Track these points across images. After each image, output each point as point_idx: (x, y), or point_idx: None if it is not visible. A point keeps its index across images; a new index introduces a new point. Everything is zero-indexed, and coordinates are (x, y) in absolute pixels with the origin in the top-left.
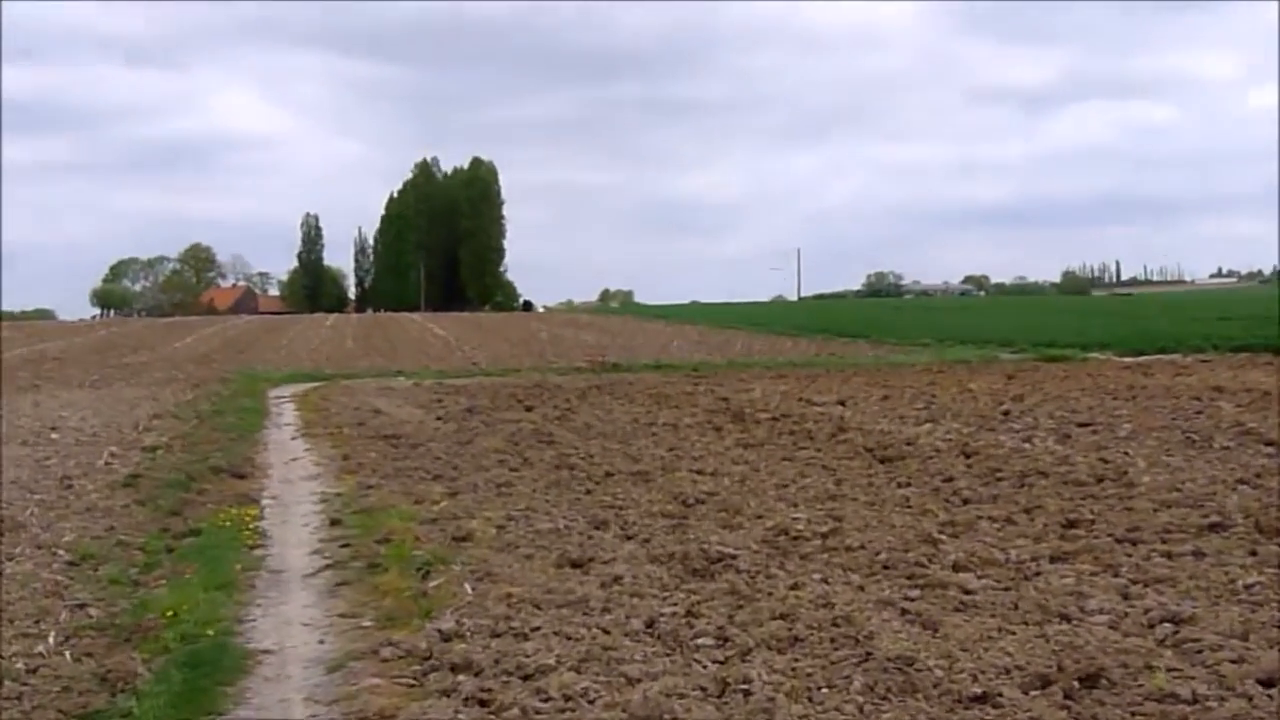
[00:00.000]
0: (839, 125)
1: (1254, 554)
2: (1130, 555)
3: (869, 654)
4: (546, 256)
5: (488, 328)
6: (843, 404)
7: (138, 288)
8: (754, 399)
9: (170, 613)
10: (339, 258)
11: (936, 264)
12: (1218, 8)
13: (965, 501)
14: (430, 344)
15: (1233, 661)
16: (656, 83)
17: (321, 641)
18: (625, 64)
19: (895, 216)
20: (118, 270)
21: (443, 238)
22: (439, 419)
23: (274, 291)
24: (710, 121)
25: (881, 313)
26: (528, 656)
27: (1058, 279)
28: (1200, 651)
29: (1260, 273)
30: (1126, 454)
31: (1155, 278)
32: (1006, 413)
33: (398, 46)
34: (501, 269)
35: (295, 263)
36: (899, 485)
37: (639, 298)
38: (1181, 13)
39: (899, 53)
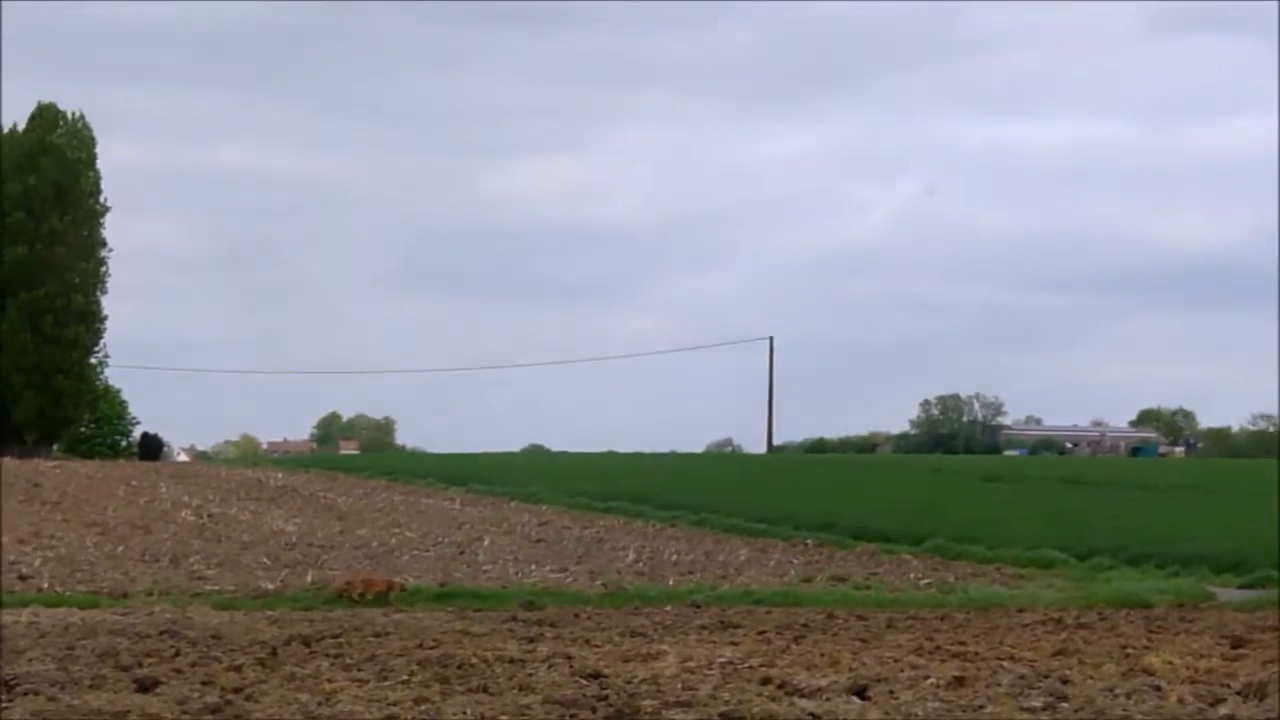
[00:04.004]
0: (862, 71)
1: None
2: None
3: None
4: (198, 337)
5: (58, 496)
6: (862, 694)
7: None
8: (663, 675)
9: None
10: None
11: (1076, 386)
12: None
13: None
14: None
15: None
16: None
17: None
18: None
19: (986, 275)
20: None
21: None
22: None
23: None
24: (581, 47)
25: (954, 488)
26: None
27: None
28: None
29: None
30: None
31: None
32: None
33: None
34: (95, 361)
35: None
36: None
37: (407, 436)
38: None
39: None
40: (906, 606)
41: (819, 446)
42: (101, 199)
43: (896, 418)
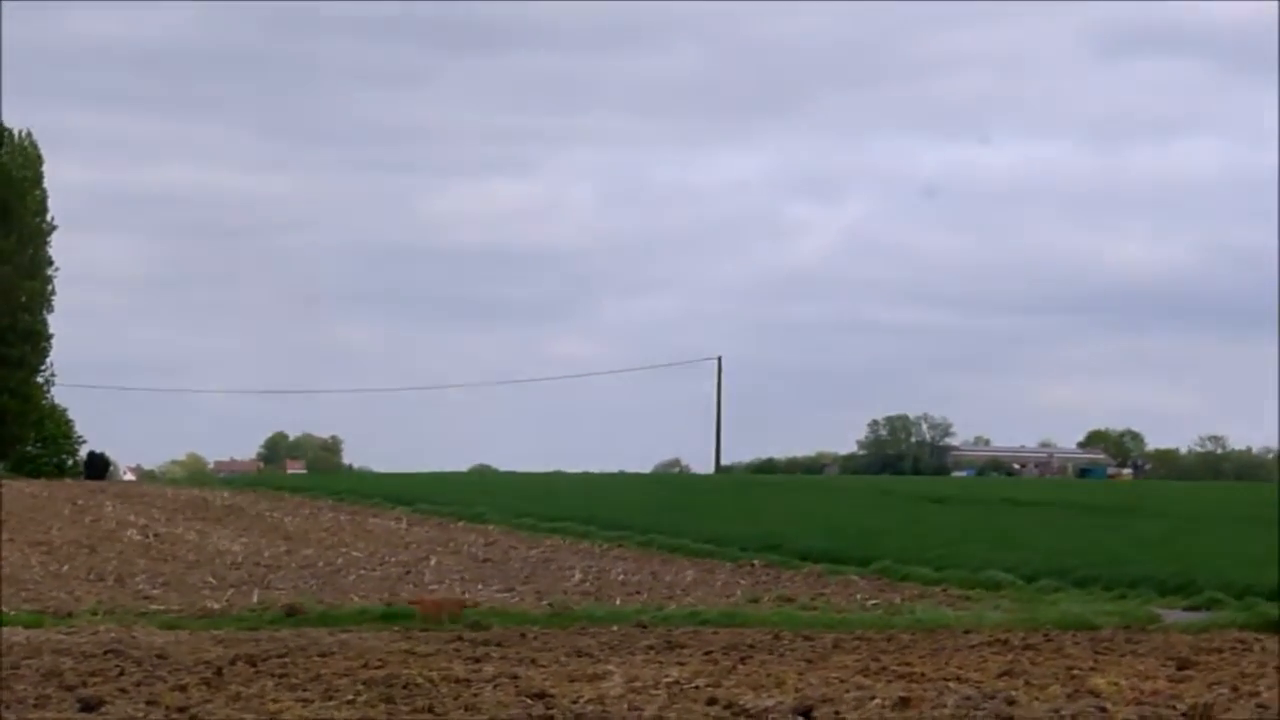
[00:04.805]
0: (810, 92)
1: None
2: None
3: None
4: (145, 357)
5: (3, 515)
6: (808, 714)
7: None
8: (609, 695)
9: None
10: None
11: (1024, 408)
12: None
13: None
14: None
15: None
16: None
17: None
18: None
19: (934, 298)
20: None
21: None
22: None
23: None
24: (527, 68)
25: (901, 509)
26: None
27: None
28: None
29: None
30: None
31: None
32: None
33: None
34: (41, 380)
35: None
36: None
37: (353, 456)
38: None
39: None
40: (853, 627)
41: (767, 467)
42: (48, 218)
43: (844, 439)
